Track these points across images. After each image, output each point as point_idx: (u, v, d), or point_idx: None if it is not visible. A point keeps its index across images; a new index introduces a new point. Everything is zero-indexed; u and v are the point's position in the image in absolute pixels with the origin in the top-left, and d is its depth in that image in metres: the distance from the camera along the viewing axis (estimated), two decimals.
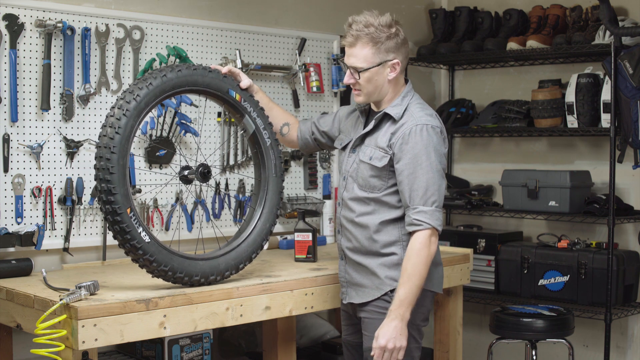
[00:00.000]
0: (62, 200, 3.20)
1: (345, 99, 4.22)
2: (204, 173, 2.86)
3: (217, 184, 3.69)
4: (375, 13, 2.70)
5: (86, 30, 3.24)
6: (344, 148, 2.89)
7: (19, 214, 3.11)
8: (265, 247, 3.74)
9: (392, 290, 2.73)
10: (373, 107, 2.84)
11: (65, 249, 3.23)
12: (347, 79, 2.75)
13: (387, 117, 2.76)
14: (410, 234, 2.67)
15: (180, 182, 2.89)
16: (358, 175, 2.78)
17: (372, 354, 2.63)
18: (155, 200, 3.45)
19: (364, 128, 2.83)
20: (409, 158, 2.65)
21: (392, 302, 2.64)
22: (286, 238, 3.80)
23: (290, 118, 3.12)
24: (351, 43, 2.70)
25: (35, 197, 3.15)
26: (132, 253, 2.61)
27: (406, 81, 2.82)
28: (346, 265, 2.87)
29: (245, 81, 2.92)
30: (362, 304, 2.80)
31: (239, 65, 3.68)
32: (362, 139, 2.81)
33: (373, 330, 2.72)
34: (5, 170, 3.08)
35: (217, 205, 3.68)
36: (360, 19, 2.68)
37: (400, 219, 2.74)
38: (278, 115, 3.07)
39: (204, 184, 3.15)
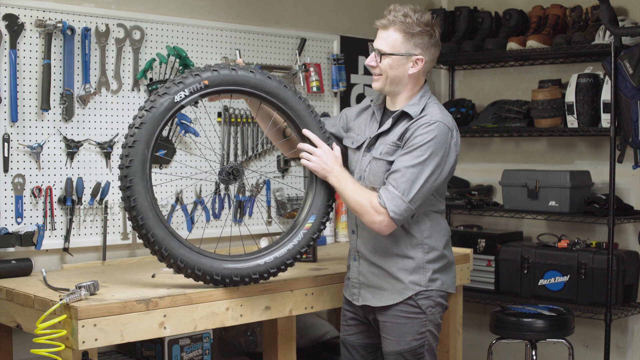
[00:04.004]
0: (62, 200, 3.20)
1: (345, 99, 4.22)
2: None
3: (217, 184, 3.68)
4: (418, 9, 2.71)
5: (86, 30, 3.24)
6: (358, 147, 2.83)
7: (19, 214, 3.11)
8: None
9: (416, 294, 2.69)
10: (389, 105, 2.80)
11: (65, 249, 3.23)
12: (369, 60, 2.73)
13: (404, 115, 2.72)
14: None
15: (221, 182, 2.89)
16: (371, 172, 2.73)
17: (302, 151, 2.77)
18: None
19: (379, 127, 2.79)
20: (410, 147, 2.61)
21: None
22: None
23: None
24: (384, 26, 2.69)
25: (35, 197, 3.14)
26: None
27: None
28: (360, 267, 2.82)
29: None
30: (382, 307, 2.75)
31: None
32: (376, 138, 2.77)
33: (395, 334, 2.71)
34: (5, 170, 3.08)
35: (217, 206, 3.69)
36: (401, 8, 2.68)
37: (421, 220, 2.71)
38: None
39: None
